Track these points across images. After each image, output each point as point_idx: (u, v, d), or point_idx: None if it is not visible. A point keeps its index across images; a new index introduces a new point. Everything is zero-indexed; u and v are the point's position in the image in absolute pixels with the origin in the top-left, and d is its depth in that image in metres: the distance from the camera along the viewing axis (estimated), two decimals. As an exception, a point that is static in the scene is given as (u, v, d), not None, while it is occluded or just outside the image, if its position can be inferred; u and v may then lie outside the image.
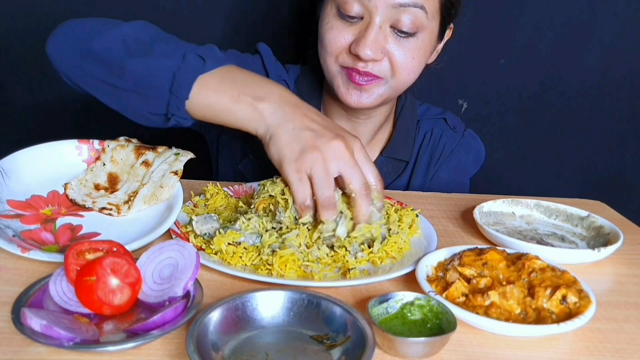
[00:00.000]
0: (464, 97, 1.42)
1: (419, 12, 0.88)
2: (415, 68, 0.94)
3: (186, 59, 0.76)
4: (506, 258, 0.66)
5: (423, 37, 0.92)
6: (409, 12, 0.88)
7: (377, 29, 0.88)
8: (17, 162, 0.81)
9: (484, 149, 1.20)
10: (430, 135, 1.14)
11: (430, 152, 1.13)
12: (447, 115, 1.17)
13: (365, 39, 0.88)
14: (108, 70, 0.78)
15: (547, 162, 1.49)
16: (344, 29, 0.91)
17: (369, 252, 0.72)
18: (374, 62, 0.90)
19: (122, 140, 0.88)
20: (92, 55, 0.79)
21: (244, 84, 0.76)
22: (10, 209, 0.75)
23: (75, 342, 0.49)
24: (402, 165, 1.12)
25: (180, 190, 0.80)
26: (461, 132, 1.16)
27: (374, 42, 0.88)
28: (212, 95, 0.76)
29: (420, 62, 0.95)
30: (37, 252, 0.64)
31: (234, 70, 0.79)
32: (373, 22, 0.88)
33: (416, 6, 0.88)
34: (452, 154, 1.14)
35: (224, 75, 0.77)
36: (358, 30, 0.90)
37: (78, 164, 0.86)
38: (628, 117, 1.44)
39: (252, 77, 0.79)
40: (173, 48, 0.78)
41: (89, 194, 0.82)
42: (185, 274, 0.57)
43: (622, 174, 1.50)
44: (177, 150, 0.85)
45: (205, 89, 0.76)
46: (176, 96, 0.76)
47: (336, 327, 0.54)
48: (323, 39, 0.94)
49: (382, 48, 0.89)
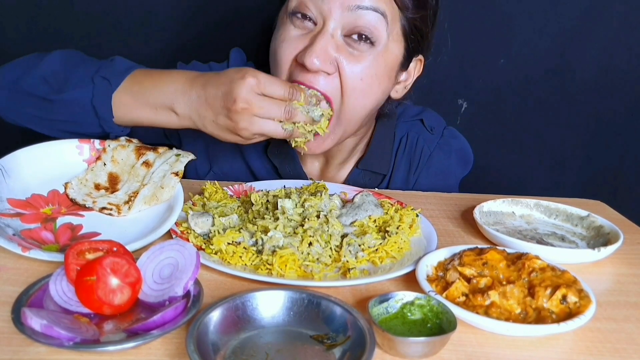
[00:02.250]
0: (464, 97, 1.42)
1: (379, 21, 0.81)
2: (364, 91, 0.85)
3: (95, 84, 0.83)
4: (506, 258, 0.66)
5: (377, 56, 0.84)
6: (367, 19, 0.81)
7: (328, 36, 0.81)
8: (18, 161, 0.81)
9: (469, 145, 1.12)
10: (407, 139, 1.06)
11: (408, 159, 1.06)
12: (424, 114, 1.08)
13: (313, 45, 0.81)
14: (40, 107, 0.86)
15: (547, 162, 1.49)
16: (295, 39, 0.84)
17: (369, 251, 0.72)
18: (324, 75, 0.83)
19: (123, 141, 0.88)
20: (23, 95, 0.86)
21: (151, 92, 0.82)
22: (10, 207, 0.75)
23: (75, 342, 0.49)
24: (380, 177, 1.06)
25: (181, 191, 0.80)
26: (439, 132, 1.08)
27: (323, 51, 0.81)
28: (132, 112, 0.84)
29: (370, 86, 0.86)
30: (38, 252, 0.64)
31: (139, 77, 0.84)
32: (325, 28, 0.81)
33: (376, 11, 0.81)
34: (430, 157, 1.06)
35: (133, 90, 0.83)
36: (309, 40, 0.83)
37: (79, 164, 0.86)
38: (628, 117, 1.44)
39: (155, 81, 0.83)
40: (82, 75, 0.85)
41: (89, 193, 0.82)
42: (186, 273, 0.57)
43: (622, 174, 1.50)
44: (178, 151, 0.85)
45: (124, 108, 0.84)
46: (104, 119, 0.85)
47: (336, 327, 0.54)
48: (275, 54, 0.88)
49: (331, 59, 0.82)
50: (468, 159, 1.12)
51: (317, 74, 0.83)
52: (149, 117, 0.83)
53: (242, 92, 0.75)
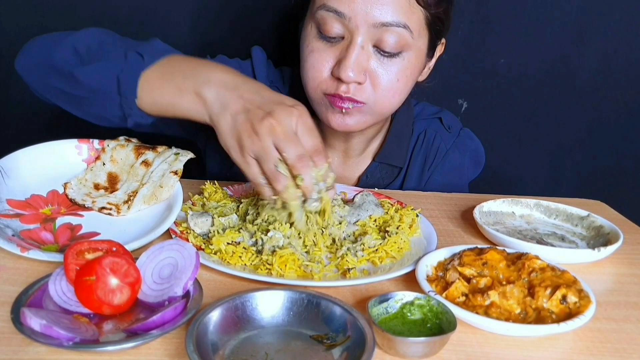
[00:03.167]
0: (464, 97, 1.42)
1: (403, 32, 0.84)
2: (399, 90, 0.90)
3: (127, 59, 0.78)
4: (506, 258, 0.66)
5: (409, 57, 0.88)
6: (392, 32, 0.83)
7: (359, 49, 0.84)
8: (17, 162, 0.81)
9: (483, 148, 1.15)
10: (424, 136, 1.10)
11: (424, 155, 1.09)
12: (443, 114, 1.12)
13: (346, 59, 0.83)
14: (65, 81, 0.81)
15: (547, 162, 1.49)
16: (325, 50, 0.87)
17: (369, 251, 0.72)
18: (356, 85, 0.86)
19: (122, 140, 0.88)
20: (50, 67, 0.82)
21: (184, 75, 0.76)
22: (10, 208, 0.75)
23: (75, 342, 0.49)
24: (396, 171, 1.08)
25: (180, 190, 0.80)
26: (457, 131, 1.11)
27: (356, 64, 0.84)
28: (156, 91, 0.77)
29: (405, 84, 0.90)
30: (37, 252, 0.64)
31: (175, 61, 0.80)
32: (354, 42, 0.84)
33: (399, 26, 0.83)
34: (446, 155, 1.09)
35: (164, 70, 0.78)
36: (339, 51, 0.86)
37: (78, 164, 0.86)
38: (628, 117, 1.44)
39: (192, 66, 0.78)
40: (117, 49, 0.80)
41: (88, 193, 0.82)
42: (185, 273, 0.57)
43: (622, 174, 1.50)
44: (177, 150, 0.85)
45: (149, 86, 0.78)
46: (126, 97, 0.79)
47: (336, 327, 0.54)
48: (305, 63, 0.90)
49: (364, 69, 0.85)
50: (480, 160, 1.15)
51: (350, 85, 0.86)
52: (171, 98, 0.77)
53: (282, 113, 0.69)
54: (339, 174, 1.09)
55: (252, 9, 1.31)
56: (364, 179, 1.08)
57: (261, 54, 1.07)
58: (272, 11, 1.30)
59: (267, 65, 1.07)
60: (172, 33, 1.33)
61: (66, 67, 0.80)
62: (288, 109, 0.70)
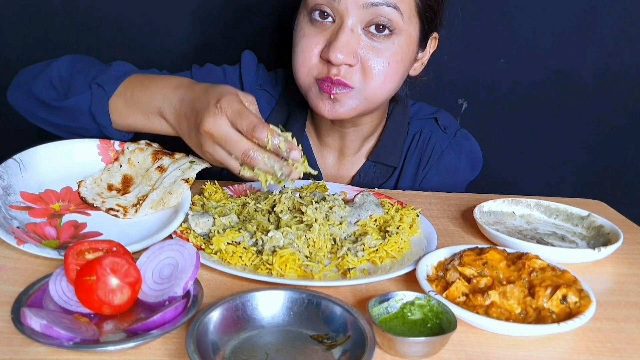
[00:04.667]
0: (464, 97, 1.42)
1: (394, 12, 0.85)
2: (390, 75, 0.89)
3: (92, 91, 0.86)
4: (506, 258, 0.66)
5: (400, 42, 0.88)
6: (381, 12, 0.84)
7: (348, 31, 0.85)
8: (37, 156, 0.82)
9: (480, 149, 1.14)
10: (419, 136, 1.09)
11: (419, 155, 1.09)
12: (439, 114, 1.11)
13: (336, 42, 0.84)
14: (48, 111, 0.89)
15: (547, 162, 1.49)
16: (316, 35, 0.88)
17: (369, 251, 0.72)
18: (347, 68, 0.86)
19: (142, 144, 0.89)
20: (33, 99, 0.89)
21: (143, 99, 0.83)
22: (22, 200, 0.76)
23: (75, 342, 0.49)
24: (391, 170, 1.08)
25: (189, 198, 0.80)
26: (452, 132, 1.10)
27: (346, 45, 0.84)
28: (128, 118, 0.85)
29: (396, 70, 0.90)
30: (32, 246, 0.64)
31: (134, 83, 0.86)
32: (344, 24, 0.85)
33: (389, 5, 0.84)
34: (441, 155, 1.08)
35: (127, 96, 0.85)
36: (329, 35, 0.87)
37: (97, 163, 0.87)
38: (628, 117, 1.44)
39: (147, 88, 0.83)
40: (83, 81, 0.87)
41: (100, 193, 0.82)
42: (185, 273, 0.57)
43: (622, 174, 1.50)
44: (193, 158, 0.85)
45: (119, 114, 0.85)
46: (103, 125, 0.87)
47: (336, 327, 0.54)
48: (296, 49, 0.91)
49: (354, 52, 0.86)
50: (477, 162, 1.14)
51: (340, 67, 0.86)
52: (143, 123, 0.84)
53: (209, 119, 0.71)
54: (334, 173, 1.10)
55: (250, 10, 1.31)
56: (357, 178, 1.08)
57: (251, 58, 1.08)
58: (270, 12, 1.31)
59: (256, 69, 1.08)
60: (171, 34, 1.33)
61: (46, 99, 0.87)
62: (212, 110, 0.72)
